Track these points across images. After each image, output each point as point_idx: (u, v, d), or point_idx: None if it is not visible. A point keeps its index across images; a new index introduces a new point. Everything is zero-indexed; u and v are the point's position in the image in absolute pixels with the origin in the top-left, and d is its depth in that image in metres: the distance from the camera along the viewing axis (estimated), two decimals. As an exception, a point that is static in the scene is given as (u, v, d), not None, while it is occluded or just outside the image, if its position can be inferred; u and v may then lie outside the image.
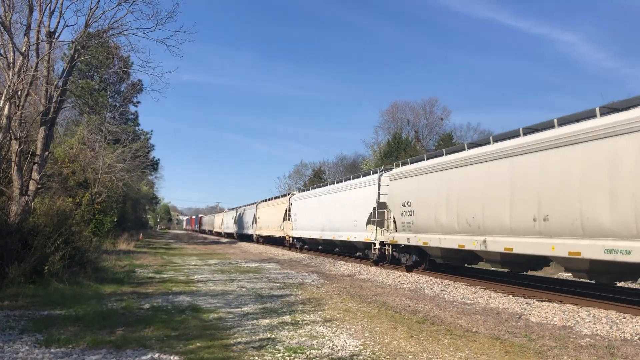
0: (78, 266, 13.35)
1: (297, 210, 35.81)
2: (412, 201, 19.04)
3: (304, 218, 33.78)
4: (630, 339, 8.68)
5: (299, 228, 34.86)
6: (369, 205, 23.09)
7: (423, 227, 18.17)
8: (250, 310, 10.28)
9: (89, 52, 16.10)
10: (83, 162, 25.31)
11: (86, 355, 6.27)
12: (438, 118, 66.54)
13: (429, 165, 18.59)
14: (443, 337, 8.33)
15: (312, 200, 32.85)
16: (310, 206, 32.96)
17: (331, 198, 29.11)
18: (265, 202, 49.04)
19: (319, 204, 30.88)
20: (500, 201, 14.09)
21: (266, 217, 45.64)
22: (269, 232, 44.09)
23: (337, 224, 27.27)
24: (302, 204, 35.16)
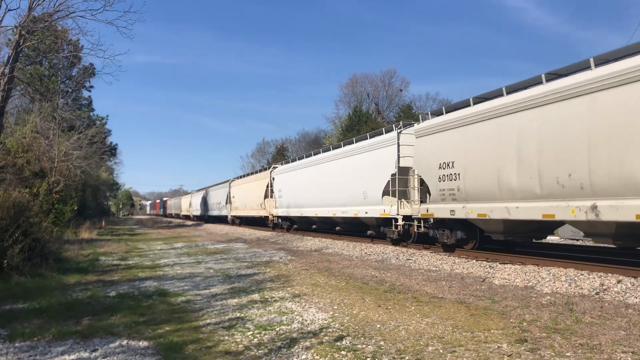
0: (39, 258, 13.03)
1: (282, 185, 31.10)
2: (455, 161, 14.60)
3: (292, 194, 29.21)
4: (588, 295, 9.03)
5: (285, 205, 30.41)
6: (384, 172, 18.63)
7: (476, 194, 13.82)
8: (219, 291, 10.26)
9: (35, 36, 15.52)
10: (37, 151, 24.57)
11: (52, 347, 6.17)
12: (397, 89, 66.86)
13: (480, 111, 13.80)
14: (410, 304, 8.50)
15: (302, 172, 27.92)
16: (299, 179, 28.23)
17: (329, 167, 24.30)
18: (240, 179, 44.59)
19: (312, 176, 26.26)
20: (627, 145, 9.80)
21: (243, 196, 40.95)
22: (248, 212, 39.72)
23: (338, 198, 22.66)
24: (287, 178, 30.31)
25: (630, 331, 6.51)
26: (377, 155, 19.47)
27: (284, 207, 30.44)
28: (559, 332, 6.49)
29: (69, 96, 33.55)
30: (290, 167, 30.61)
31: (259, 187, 36.00)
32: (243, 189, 41.08)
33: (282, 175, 31.60)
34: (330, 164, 24.29)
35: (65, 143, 27.02)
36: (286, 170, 31.16)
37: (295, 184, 28.66)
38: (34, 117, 26.92)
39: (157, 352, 5.89)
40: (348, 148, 22.71)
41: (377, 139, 20.00)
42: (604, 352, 5.65)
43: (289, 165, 31.35)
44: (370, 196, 19.65)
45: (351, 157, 21.97)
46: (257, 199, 36.14)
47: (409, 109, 56.15)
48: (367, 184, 19.98)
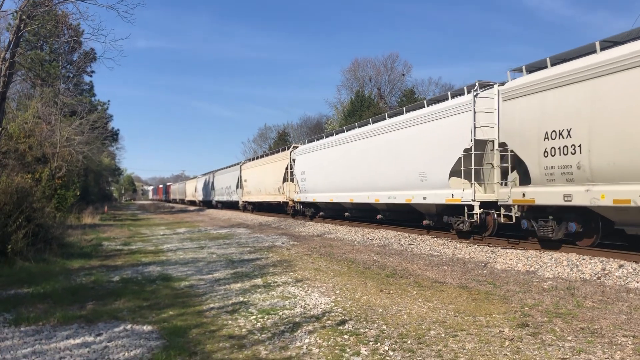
0: (43, 243, 13.10)
1: (305, 167, 27.13)
2: (573, 128, 10.91)
3: (318, 176, 25.27)
4: (590, 279, 9.07)
5: (308, 190, 26.41)
6: (452, 148, 14.76)
7: (612, 173, 10.15)
8: (222, 275, 10.32)
9: (36, 21, 15.43)
10: (39, 137, 24.57)
11: (57, 331, 6.23)
12: (400, 74, 66.45)
13: (628, 54, 9.78)
14: (412, 289, 8.54)
15: (331, 151, 23.76)
16: (327, 160, 24.13)
17: (369, 144, 20.06)
18: (253, 161, 40.58)
19: (346, 155, 22.09)
20: None
21: (256, 180, 37.02)
22: (262, 198, 35.74)
23: (383, 181, 18.75)
24: (312, 159, 26.23)
25: (631, 315, 6.54)
26: (442, 126, 15.38)
27: (308, 192, 26.59)
28: (560, 317, 6.52)
29: (70, 81, 33.50)
30: (315, 146, 26.36)
31: (276, 169, 32.16)
32: (257, 172, 37.18)
33: (305, 155, 27.40)
34: (371, 140, 20.02)
35: (67, 128, 27.01)
36: (310, 150, 26.97)
37: (323, 166, 24.71)
38: (36, 102, 26.89)
39: (161, 337, 5.93)
40: (397, 120, 18.34)
41: (441, 106, 15.81)
42: (604, 336, 5.68)
43: (314, 144, 26.96)
44: (431, 178, 15.77)
45: (402, 131, 17.70)
46: (274, 182, 32.37)
47: (412, 93, 55.89)
48: (426, 162, 16.04)
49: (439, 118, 15.61)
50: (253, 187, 38.14)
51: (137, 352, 5.37)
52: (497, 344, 5.47)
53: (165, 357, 5.14)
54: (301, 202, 28.33)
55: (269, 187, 33.71)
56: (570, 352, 5.14)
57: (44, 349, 5.50)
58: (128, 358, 5.21)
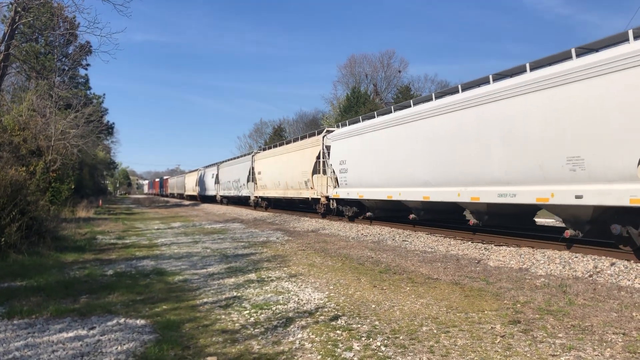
0: (37, 236, 13.07)
1: (346, 154, 21.31)
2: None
3: (367, 166, 19.68)
4: (582, 277, 9.12)
5: (353, 184, 20.72)
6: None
7: None
8: (216, 270, 10.33)
9: (31, 13, 15.36)
10: (34, 130, 24.42)
11: (50, 324, 6.23)
12: (396, 70, 66.65)
13: None
14: (405, 285, 8.58)
15: (390, 132, 17.99)
16: (382, 144, 18.45)
17: (460, 119, 14.23)
18: (270, 150, 35.40)
19: (415, 137, 16.33)
20: None
21: (274, 172, 32.02)
22: (282, 193, 30.52)
23: (488, 171, 13.26)
24: (358, 144, 20.44)
25: (621, 313, 6.59)
26: (616, 84, 9.84)
27: (350, 187, 20.97)
28: (552, 314, 6.56)
29: (65, 74, 33.33)
30: (361, 128, 20.33)
31: (303, 159, 26.96)
32: (275, 163, 32.05)
33: (346, 141, 21.61)
34: (463, 115, 14.02)
35: (62, 121, 26.87)
36: (353, 133, 21.01)
37: (375, 152, 18.99)
38: (31, 95, 26.74)
39: (155, 330, 5.95)
40: (516, 82, 12.33)
41: (609, 53, 10.12)
42: (595, 333, 5.73)
43: (360, 125, 20.72)
44: (595, 165, 10.32)
45: (531, 97, 11.83)
46: (300, 175, 27.14)
47: (408, 90, 55.97)
48: (586, 142, 10.50)
49: (603, 73, 10.03)
50: (269, 180, 33.10)
51: (130, 346, 5.38)
52: (489, 340, 5.51)
53: (158, 351, 5.15)
54: (339, 200, 22.54)
55: (292, 181, 28.48)
56: (561, 349, 5.18)
57: (37, 342, 5.50)
58: (121, 352, 5.22)
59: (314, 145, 25.84)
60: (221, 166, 49.51)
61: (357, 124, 21.19)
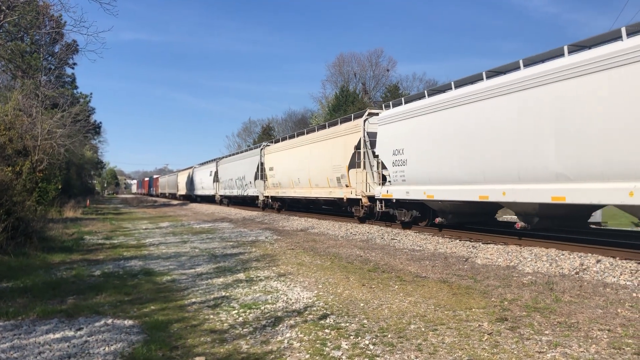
0: (23, 237, 12.96)
1: (401, 142, 16.49)
2: None
3: (440, 157, 14.62)
4: (568, 274, 9.21)
5: (412, 180, 15.97)
6: None
7: None
8: (204, 270, 10.30)
9: (16, 12, 15.21)
10: (20, 129, 24.18)
11: (37, 325, 6.18)
12: (384, 69, 66.74)
13: None
14: (393, 283, 8.61)
15: (469, 111, 13.52)
16: (469, 126, 13.51)
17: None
18: (284, 141, 30.20)
19: (530, 112, 11.61)
20: None
21: (292, 167, 27.19)
22: (304, 192, 25.76)
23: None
24: (419, 128, 15.62)
25: (607, 310, 6.66)
26: None
27: (410, 184, 16.10)
28: (538, 311, 6.62)
29: (51, 73, 33.04)
30: (427, 106, 15.27)
31: (333, 150, 21.96)
32: (293, 157, 27.30)
33: (402, 124, 16.55)
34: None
35: (48, 121, 26.64)
36: (413, 113, 15.96)
37: (454, 137, 14.01)
38: (16, 94, 26.48)
39: (143, 331, 5.93)
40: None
41: None
42: (581, 330, 5.79)
43: (423, 102, 15.63)
44: None
45: None
46: (329, 170, 22.18)
47: (396, 89, 56.06)
48: None
49: None
50: (284, 177, 28.53)
51: (117, 347, 5.36)
52: (476, 337, 5.55)
53: (146, 352, 5.14)
54: (388, 200, 17.81)
55: (319, 177, 23.41)
56: (547, 346, 5.23)
57: (23, 344, 5.46)
58: (108, 352, 5.19)
59: (351, 131, 20.54)
60: (221, 162, 45.26)
61: (421, 100, 15.85)
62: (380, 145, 18.02)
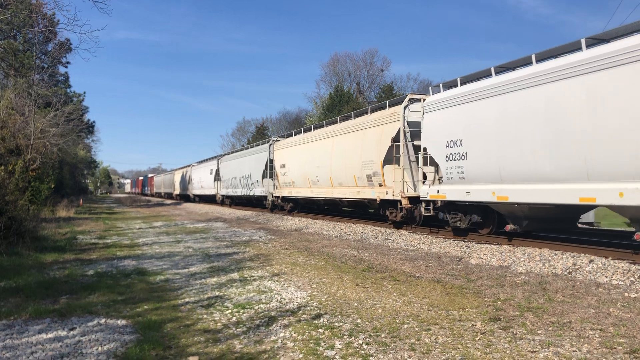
0: (15, 236, 12.91)
1: (459, 131, 13.66)
2: None
3: (520, 149, 11.70)
4: (561, 274, 9.25)
5: (476, 178, 13.19)
6: None
7: None
8: (198, 270, 10.28)
9: (9, 10, 15.12)
10: (13, 128, 24.07)
11: (29, 325, 6.16)
12: (378, 69, 66.80)
13: None
14: (387, 283, 8.62)
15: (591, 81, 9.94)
16: (573, 107, 10.37)
17: None
18: (298, 135, 27.04)
19: None
20: None
21: (309, 163, 24.10)
22: (322, 192, 22.80)
23: None
24: (485, 113, 12.76)
25: (599, 309, 6.70)
26: None
27: (470, 182, 13.35)
28: (531, 311, 6.65)
29: (44, 72, 32.84)
30: (496, 85, 12.46)
31: (364, 143, 18.94)
32: (310, 152, 24.23)
33: (457, 109, 13.79)
34: None
35: (41, 120, 26.52)
36: (474, 96, 13.18)
37: (545, 122, 11.07)
38: (9, 93, 26.34)
39: (136, 331, 5.91)
40: None
41: None
42: (573, 329, 5.82)
43: (489, 82, 12.90)
44: None
45: None
46: (358, 167, 19.23)
47: (390, 89, 56.08)
48: None
49: None
50: (299, 175, 25.60)
51: (110, 347, 5.34)
52: (469, 337, 5.56)
53: (139, 351, 5.12)
54: (433, 202, 15.23)
55: (344, 175, 20.52)
56: (540, 346, 5.25)
57: (15, 344, 5.44)
58: (102, 352, 5.18)
59: (386, 121, 17.59)
60: (223, 160, 42.29)
61: (487, 79, 13.17)
62: (427, 137, 15.15)
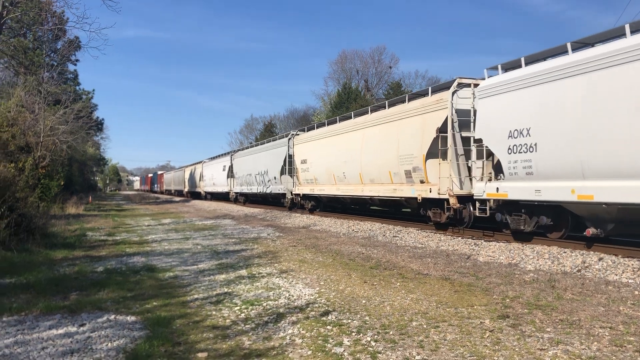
0: (26, 233, 13.00)
1: (526, 119, 11.76)
2: None
3: (602, 137, 9.92)
4: (570, 272, 9.21)
5: (552, 174, 11.19)
6: None
7: None
8: (207, 266, 10.32)
9: (19, 8, 15.22)
10: (23, 126, 24.21)
11: (40, 321, 6.21)
12: (387, 66, 66.58)
13: None
14: (395, 281, 8.62)
15: None
16: None
17: None
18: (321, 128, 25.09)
19: None
20: None
21: (334, 158, 22.28)
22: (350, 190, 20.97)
23: None
24: (562, 96, 10.84)
25: (609, 307, 6.66)
26: None
27: (542, 179, 11.57)
28: (540, 308, 6.63)
29: (54, 70, 33.01)
30: (583, 62, 10.41)
31: (402, 134, 16.87)
32: (335, 146, 22.28)
33: (533, 91, 11.75)
34: None
35: (51, 117, 26.66)
36: (551, 75, 11.25)
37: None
38: (19, 90, 26.51)
39: (145, 327, 5.94)
40: None
41: None
42: (582, 327, 5.79)
43: (572, 58, 10.80)
44: None
45: None
46: (394, 161, 17.12)
47: (399, 86, 55.93)
48: None
49: None
50: (323, 171, 23.61)
51: (120, 342, 5.37)
52: (478, 334, 5.55)
53: (149, 347, 5.15)
54: (488, 201, 13.30)
55: (377, 171, 18.61)
56: (549, 343, 5.24)
57: (27, 339, 5.49)
58: (111, 348, 5.21)
59: (430, 109, 15.53)
60: (237, 156, 40.75)
61: (562, 57, 11.28)
62: (483, 126, 13.25)
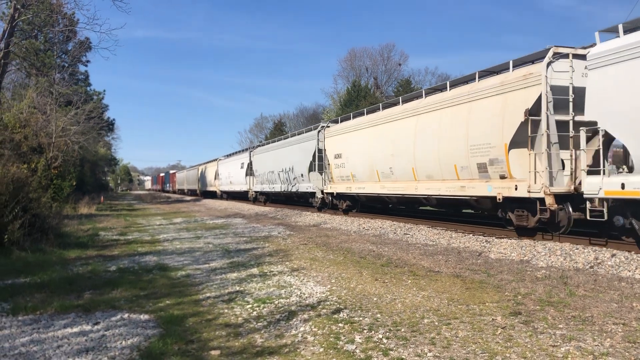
0: (39, 233, 13.12)
1: None
2: None
3: None
4: (582, 268, 9.16)
5: None
6: None
7: None
8: (218, 265, 10.38)
9: (30, 10, 15.36)
10: (35, 127, 24.45)
11: (55, 320, 6.28)
12: (396, 64, 66.51)
13: None
14: (406, 278, 8.62)
15: None
16: None
17: None
18: (359, 118, 22.16)
19: None
20: None
21: (377, 151, 19.50)
22: (404, 187, 17.83)
23: None
24: None
25: (622, 304, 6.63)
26: None
27: None
28: (552, 305, 6.60)
29: (65, 71, 33.28)
30: None
31: (472, 119, 14.06)
32: (377, 137, 19.49)
33: None
34: None
35: (62, 118, 26.90)
36: None
37: None
38: (31, 92, 26.74)
39: (158, 325, 5.99)
40: None
41: None
42: (595, 323, 5.77)
43: None
44: None
45: None
46: (463, 152, 14.35)
47: (408, 83, 55.82)
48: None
49: None
50: (363, 167, 20.85)
51: (134, 341, 5.43)
52: (490, 331, 5.55)
53: (162, 346, 5.20)
54: (605, 200, 10.34)
55: (437, 165, 15.72)
56: (561, 340, 5.22)
57: (42, 338, 5.55)
58: (125, 346, 5.26)
59: (515, 86, 12.60)
60: (257, 152, 37.86)
61: None
62: (598, 105, 10.40)
